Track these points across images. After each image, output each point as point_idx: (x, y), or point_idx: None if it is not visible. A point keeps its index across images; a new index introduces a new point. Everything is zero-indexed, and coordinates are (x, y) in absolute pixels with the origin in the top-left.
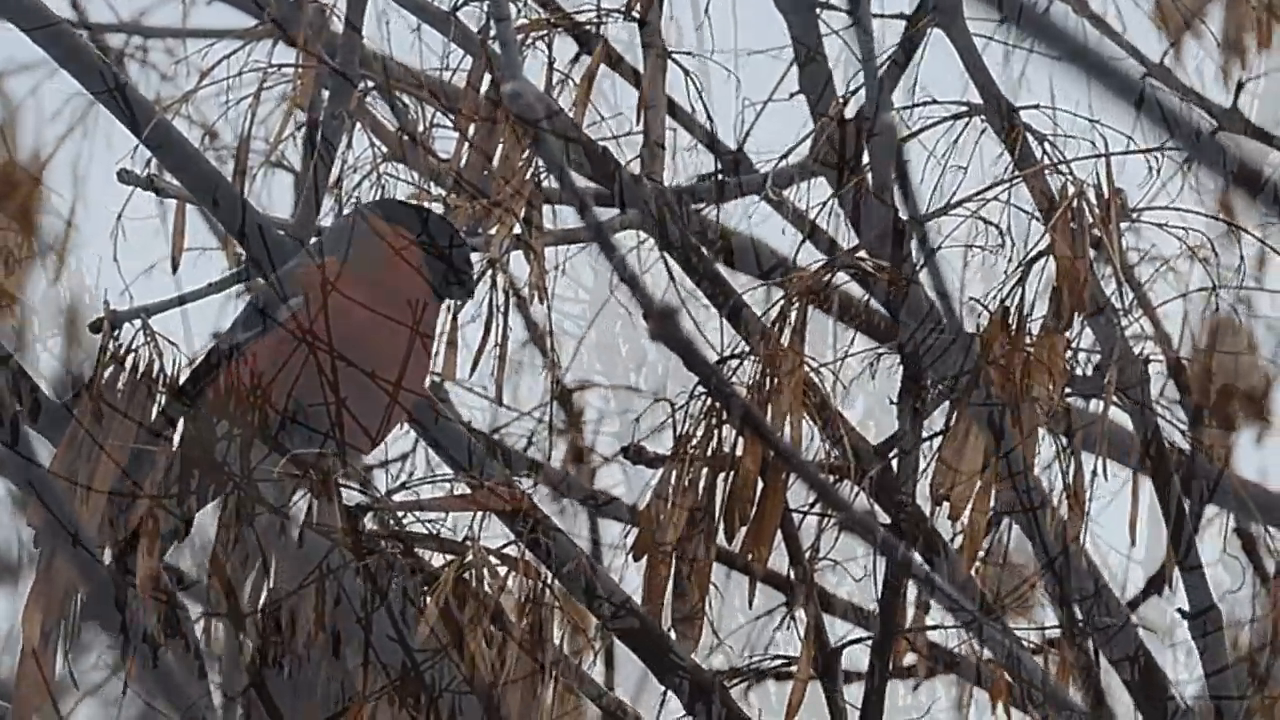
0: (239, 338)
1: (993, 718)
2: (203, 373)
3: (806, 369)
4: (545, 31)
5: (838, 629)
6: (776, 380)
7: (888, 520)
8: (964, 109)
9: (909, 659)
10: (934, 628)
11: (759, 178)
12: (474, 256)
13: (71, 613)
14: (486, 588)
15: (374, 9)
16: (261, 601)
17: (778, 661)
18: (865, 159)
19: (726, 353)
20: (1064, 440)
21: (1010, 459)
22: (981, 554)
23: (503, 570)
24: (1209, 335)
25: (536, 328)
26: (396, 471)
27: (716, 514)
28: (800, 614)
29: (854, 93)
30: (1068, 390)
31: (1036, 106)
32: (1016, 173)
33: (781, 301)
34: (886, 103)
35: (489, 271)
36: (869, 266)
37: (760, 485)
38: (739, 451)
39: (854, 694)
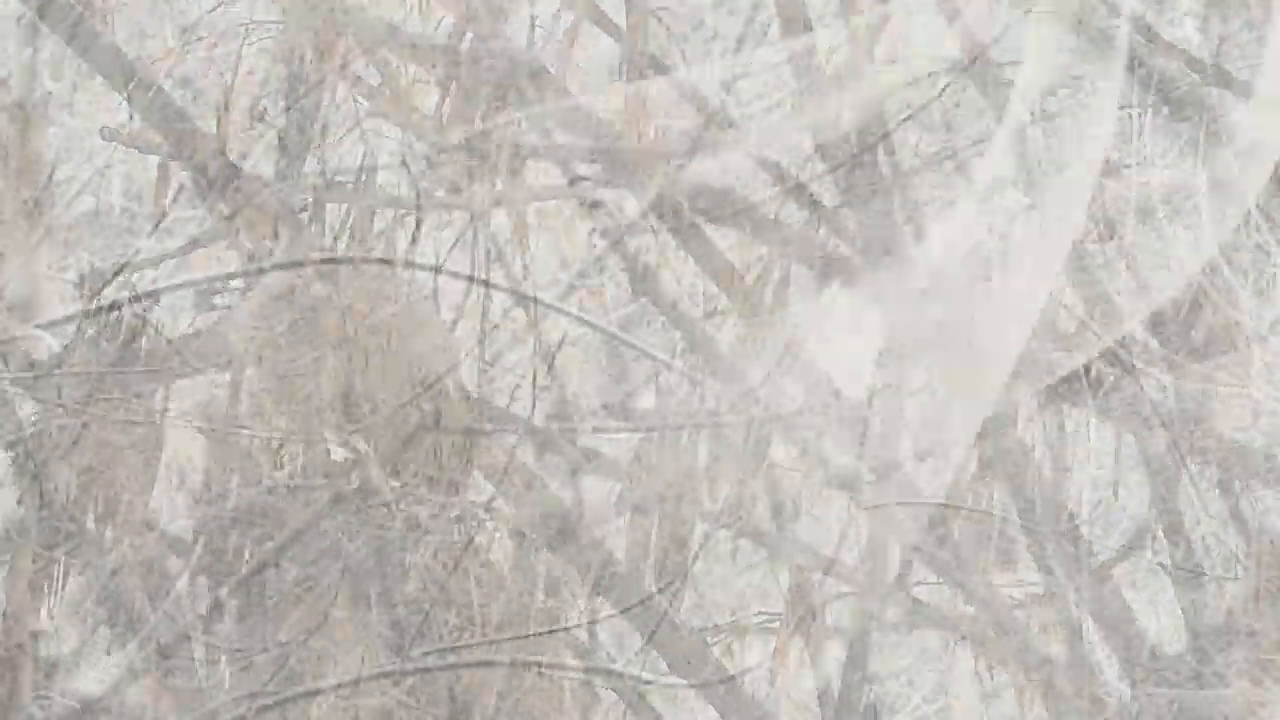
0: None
1: (974, 673)
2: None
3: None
4: None
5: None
6: (759, 336)
7: (869, 476)
8: (947, 65)
9: (892, 614)
10: (918, 583)
11: (741, 133)
12: None
13: (57, 573)
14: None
15: None
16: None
17: (761, 617)
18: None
19: (710, 308)
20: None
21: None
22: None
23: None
24: (1191, 288)
25: (518, 283)
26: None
27: (700, 471)
28: (784, 570)
29: (837, 48)
30: (1051, 345)
31: (1018, 63)
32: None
33: (765, 257)
34: (870, 58)
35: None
36: (851, 222)
37: (741, 442)
38: (722, 408)
39: (837, 649)
